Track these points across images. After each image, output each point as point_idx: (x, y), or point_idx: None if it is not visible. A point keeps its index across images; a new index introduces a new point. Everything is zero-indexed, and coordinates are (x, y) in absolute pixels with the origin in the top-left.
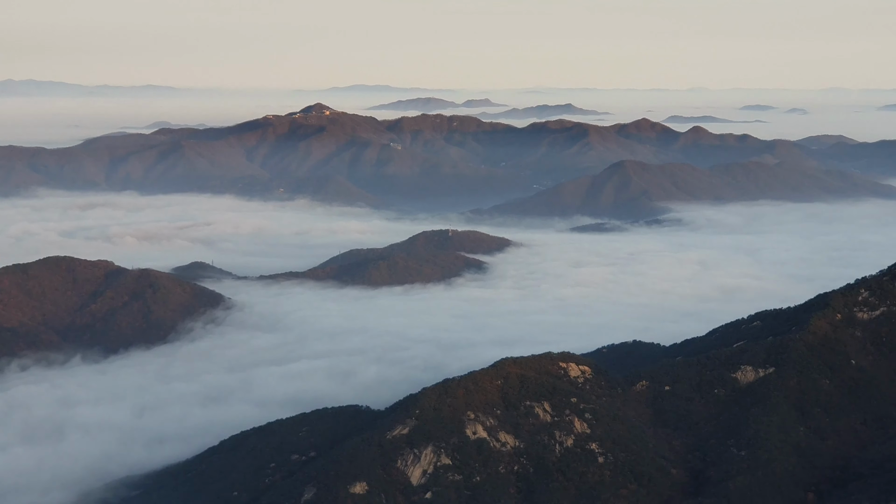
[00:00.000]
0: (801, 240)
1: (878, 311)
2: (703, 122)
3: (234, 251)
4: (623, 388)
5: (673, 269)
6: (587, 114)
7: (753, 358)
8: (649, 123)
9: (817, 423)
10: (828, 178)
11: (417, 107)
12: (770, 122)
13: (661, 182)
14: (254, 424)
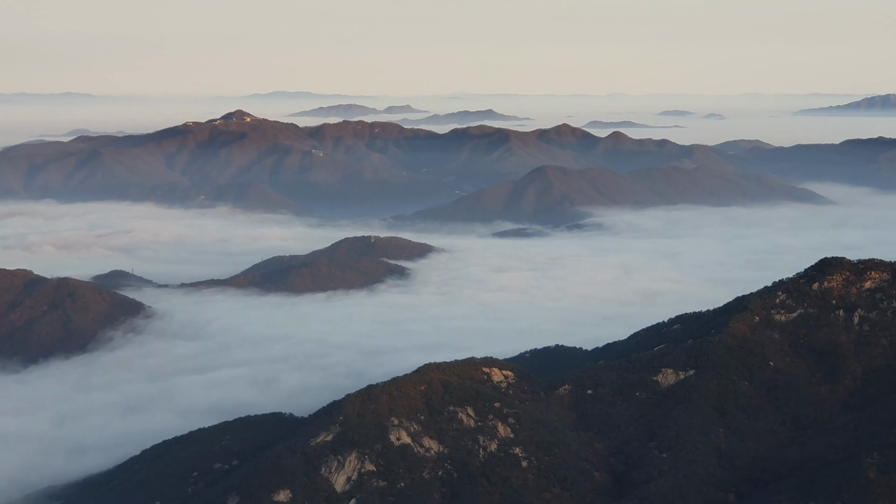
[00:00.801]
0: (720, 243)
1: (795, 313)
2: (622, 127)
3: (155, 259)
4: (546, 392)
5: (594, 273)
6: (508, 119)
7: (674, 361)
8: (570, 129)
9: (737, 425)
10: (745, 182)
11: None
12: (688, 127)
13: (582, 187)
14: (176, 433)
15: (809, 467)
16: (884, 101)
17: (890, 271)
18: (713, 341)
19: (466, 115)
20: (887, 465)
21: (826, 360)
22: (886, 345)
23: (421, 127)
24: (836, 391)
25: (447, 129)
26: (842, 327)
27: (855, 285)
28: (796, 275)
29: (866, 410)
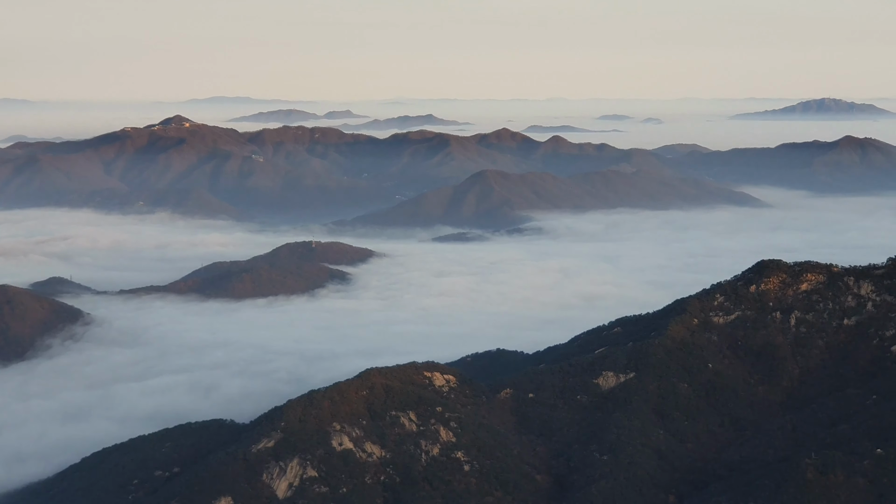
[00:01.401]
0: (659, 247)
1: (733, 315)
2: (562, 131)
3: (93, 266)
4: (487, 396)
5: (534, 277)
6: (448, 124)
7: (614, 364)
8: (510, 133)
9: (677, 427)
10: (683, 185)
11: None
12: (627, 131)
13: (522, 191)
14: (115, 441)
15: (748, 468)
16: (818, 105)
17: (826, 273)
18: (653, 344)
19: (407, 120)
20: (825, 465)
21: (764, 361)
22: (823, 346)
23: (361, 132)
24: (774, 392)
25: (387, 134)
26: (779, 329)
27: (791, 287)
28: (734, 277)
29: (803, 411)
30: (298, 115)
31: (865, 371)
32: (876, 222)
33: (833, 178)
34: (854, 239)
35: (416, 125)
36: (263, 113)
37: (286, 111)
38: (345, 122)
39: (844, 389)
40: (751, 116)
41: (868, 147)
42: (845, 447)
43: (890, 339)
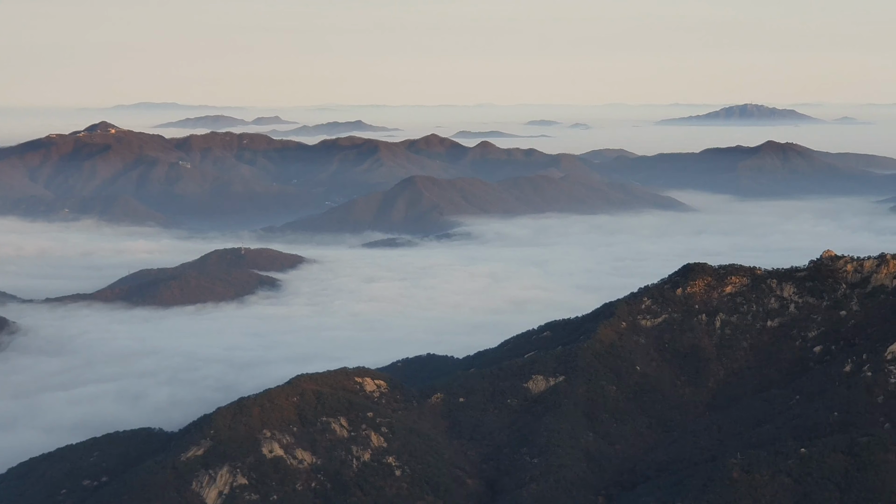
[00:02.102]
0: (587, 251)
1: (661, 318)
2: (490, 137)
3: (18, 274)
4: (418, 400)
5: (464, 282)
6: (377, 130)
7: (544, 367)
8: (438, 139)
9: (606, 429)
10: (610, 190)
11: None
12: (555, 136)
13: (451, 196)
14: (42, 451)
15: (675, 468)
16: (741, 110)
17: (749, 276)
18: (582, 347)
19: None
20: (750, 464)
21: (690, 363)
22: (747, 347)
23: (290, 138)
24: (700, 393)
25: (316, 140)
26: (704, 331)
27: (716, 290)
28: (661, 281)
29: (729, 411)
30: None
31: (789, 371)
32: (797, 225)
33: (756, 183)
34: (776, 242)
35: (345, 131)
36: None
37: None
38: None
39: (769, 390)
40: (676, 122)
41: (790, 152)
42: (770, 447)
43: (812, 340)
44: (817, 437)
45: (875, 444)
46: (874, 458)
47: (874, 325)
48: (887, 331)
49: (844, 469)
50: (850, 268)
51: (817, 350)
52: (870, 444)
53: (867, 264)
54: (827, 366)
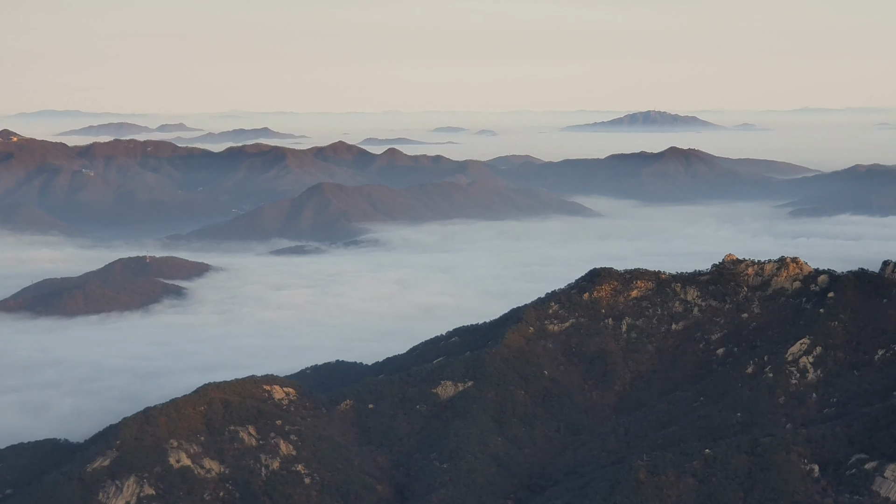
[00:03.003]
0: (494, 256)
1: (568, 323)
2: (397, 144)
3: None
4: (327, 407)
5: (372, 288)
6: (284, 137)
7: (453, 373)
8: (346, 146)
9: (514, 433)
10: (517, 196)
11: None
12: (461, 143)
13: (359, 203)
14: None
15: (583, 471)
16: (644, 117)
17: (654, 280)
18: (490, 353)
19: (242, 134)
20: (656, 466)
21: (597, 367)
22: (653, 351)
23: (196, 145)
24: (607, 397)
25: (222, 147)
26: (611, 335)
27: (622, 294)
28: (568, 286)
29: (635, 414)
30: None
31: (693, 374)
32: (700, 230)
33: (659, 188)
34: (680, 247)
35: (251, 138)
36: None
37: (117, 124)
38: (178, 136)
39: (674, 392)
40: (581, 128)
41: (692, 157)
42: (675, 448)
43: (716, 343)
44: (721, 437)
45: (777, 444)
46: (776, 458)
47: (775, 328)
48: (787, 333)
49: (748, 469)
50: (751, 271)
51: (720, 352)
52: (772, 445)
53: (767, 268)
54: (730, 368)
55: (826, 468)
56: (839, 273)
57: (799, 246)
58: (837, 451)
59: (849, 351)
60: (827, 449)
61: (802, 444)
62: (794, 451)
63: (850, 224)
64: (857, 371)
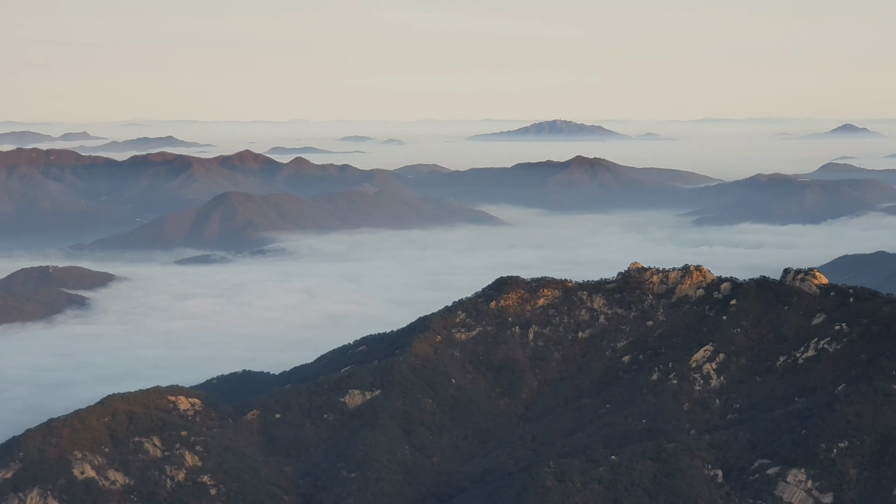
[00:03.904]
0: (401, 265)
1: (475, 331)
2: (304, 153)
3: None
4: (234, 418)
5: (279, 298)
6: (189, 146)
7: (360, 382)
8: (252, 155)
9: (422, 442)
10: (424, 205)
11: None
12: (369, 152)
13: (266, 212)
14: None
15: (491, 479)
16: (551, 126)
17: (561, 289)
18: (398, 361)
19: (146, 142)
20: (563, 473)
21: (504, 375)
22: (559, 358)
23: (99, 154)
24: (515, 405)
25: (127, 156)
26: (518, 343)
27: (529, 303)
28: (475, 294)
29: (542, 422)
30: (32, 137)
31: (599, 381)
32: (605, 238)
33: (565, 197)
34: (585, 255)
35: (156, 147)
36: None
37: (19, 133)
38: (81, 144)
39: (580, 400)
40: (488, 137)
41: (597, 166)
42: (582, 455)
43: (622, 350)
44: (627, 444)
45: (681, 449)
46: (681, 464)
47: (679, 335)
48: (691, 340)
49: (653, 475)
50: (656, 279)
51: (626, 360)
52: (676, 451)
53: (672, 275)
54: (635, 375)
55: (729, 473)
56: (741, 281)
57: (702, 254)
58: (740, 457)
59: (751, 357)
60: (730, 454)
61: (706, 449)
62: (698, 456)
63: (752, 232)
64: (760, 377)
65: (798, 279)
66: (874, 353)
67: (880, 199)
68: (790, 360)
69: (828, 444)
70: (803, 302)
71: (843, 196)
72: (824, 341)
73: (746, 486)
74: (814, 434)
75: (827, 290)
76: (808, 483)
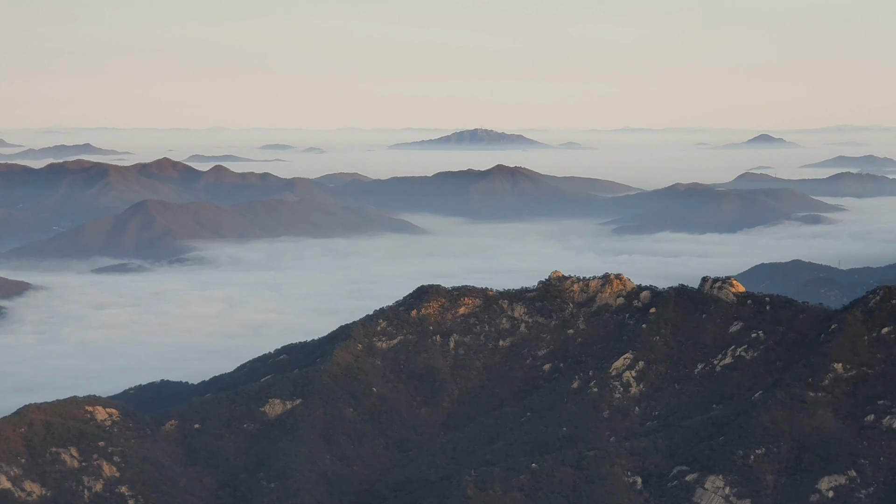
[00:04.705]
0: (322, 274)
1: (396, 339)
2: (224, 161)
3: None
4: (152, 428)
5: (198, 307)
6: (107, 154)
7: (281, 391)
8: (171, 163)
9: (343, 451)
10: (345, 214)
11: None
12: (289, 160)
13: (185, 221)
14: None
15: (412, 488)
16: (472, 135)
17: (482, 297)
18: (319, 370)
19: (63, 150)
20: (483, 481)
21: (426, 383)
22: (480, 367)
23: (15, 161)
24: (436, 413)
25: (43, 163)
26: (439, 352)
27: (450, 311)
28: (396, 303)
29: (463, 430)
30: None
31: (520, 389)
32: (525, 247)
33: (486, 206)
34: (506, 263)
35: (73, 154)
36: None
37: None
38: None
39: (501, 408)
40: (409, 146)
41: (518, 175)
42: (503, 463)
43: (542, 359)
44: (547, 452)
45: (601, 457)
46: (601, 471)
47: (599, 343)
48: (612, 348)
49: (573, 482)
50: (576, 288)
51: (547, 368)
52: (597, 458)
53: (592, 284)
54: (556, 383)
55: (648, 480)
56: (660, 289)
57: (621, 263)
58: (659, 464)
59: (670, 365)
60: (649, 461)
61: (626, 456)
62: (618, 463)
63: (670, 241)
64: (678, 385)
65: (716, 287)
66: (790, 361)
67: (796, 209)
68: (708, 368)
69: (745, 451)
70: (721, 310)
71: (760, 205)
72: (741, 349)
73: (665, 492)
74: (731, 441)
75: (744, 298)
76: (725, 489)
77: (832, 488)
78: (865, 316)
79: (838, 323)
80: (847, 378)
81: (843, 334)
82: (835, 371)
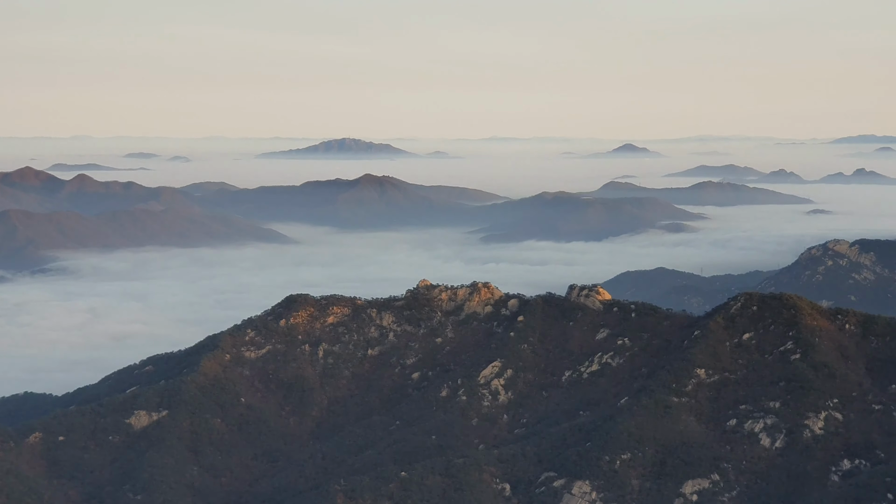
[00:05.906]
0: (188, 284)
1: (264, 349)
2: (88, 170)
3: None
4: (16, 441)
5: (61, 318)
6: None
7: (147, 402)
8: (33, 172)
9: (210, 462)
10: (212, 223)
11: None
12: (154, 169)
13: (47, 231)
14: None
15: (281, 498)
16: (340, 145)
17: (350, 306)
18: (185, 381)
19: None
20: (353, 490)
21: (294, 393)
22: (349, 376)
23: None
24: (305, 423)
25: None
26: (308, 361)
27: (319, 321)
28: (264, 312)
29: (332, 439)
30: None
31: (389, 398)
32: (393, 256)
33: (355, 215)
34: (374, 272)
35: None
36: None
37: None
38: None
39: (370, 417)
40: (277, 155)
41: (386, 184)
42: (372, 472)
43: (411, 367)
44: (417, 460)
45: (470, 464)
46: (469, 479)
47: (468, 351)
48: (480, 356)
49: (442, 490)
50: (444, 296)
51: (415, 376)
52: (465, 465)
53: (461, 292)
54: (425, 391)
55: (517, 487)
56: (528, 297)
57: (489, 271)
58: (528, 470)
59: (538, 372)
60: (518, 468)
61: (494, 464)
62: (487, 471)
63: (537, 249)
64: (546, 392)
65: (582, 295)
66: (655, 367)
67: (659, 217)
68: (575, 375)
69: (611, 456)
70: (588, 317)
71: (625, 214)
72: (608, 356)
73: (533, 498)
74: (598, 446)
75: (610, 306)
76: (592, 494)
77: (696, 492)
78: (727, 322)
79: (701, 329)
80: (710, 383)
81: (706, 340)
82: (698, 376)
